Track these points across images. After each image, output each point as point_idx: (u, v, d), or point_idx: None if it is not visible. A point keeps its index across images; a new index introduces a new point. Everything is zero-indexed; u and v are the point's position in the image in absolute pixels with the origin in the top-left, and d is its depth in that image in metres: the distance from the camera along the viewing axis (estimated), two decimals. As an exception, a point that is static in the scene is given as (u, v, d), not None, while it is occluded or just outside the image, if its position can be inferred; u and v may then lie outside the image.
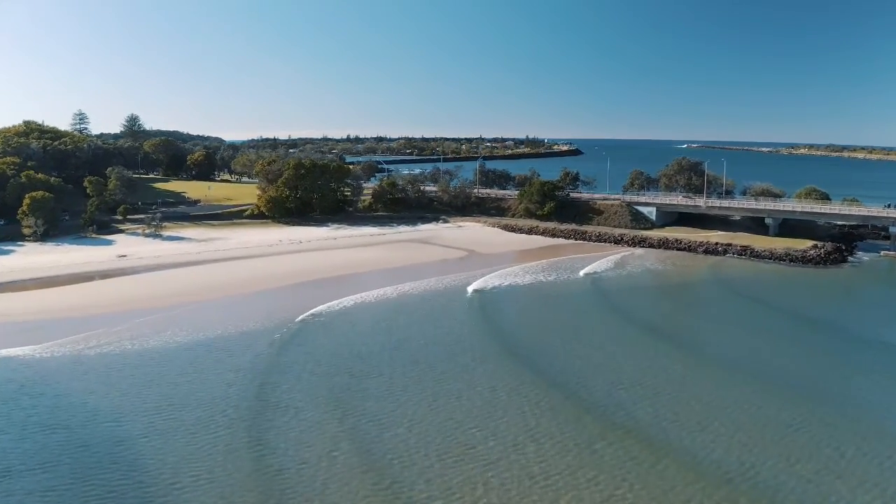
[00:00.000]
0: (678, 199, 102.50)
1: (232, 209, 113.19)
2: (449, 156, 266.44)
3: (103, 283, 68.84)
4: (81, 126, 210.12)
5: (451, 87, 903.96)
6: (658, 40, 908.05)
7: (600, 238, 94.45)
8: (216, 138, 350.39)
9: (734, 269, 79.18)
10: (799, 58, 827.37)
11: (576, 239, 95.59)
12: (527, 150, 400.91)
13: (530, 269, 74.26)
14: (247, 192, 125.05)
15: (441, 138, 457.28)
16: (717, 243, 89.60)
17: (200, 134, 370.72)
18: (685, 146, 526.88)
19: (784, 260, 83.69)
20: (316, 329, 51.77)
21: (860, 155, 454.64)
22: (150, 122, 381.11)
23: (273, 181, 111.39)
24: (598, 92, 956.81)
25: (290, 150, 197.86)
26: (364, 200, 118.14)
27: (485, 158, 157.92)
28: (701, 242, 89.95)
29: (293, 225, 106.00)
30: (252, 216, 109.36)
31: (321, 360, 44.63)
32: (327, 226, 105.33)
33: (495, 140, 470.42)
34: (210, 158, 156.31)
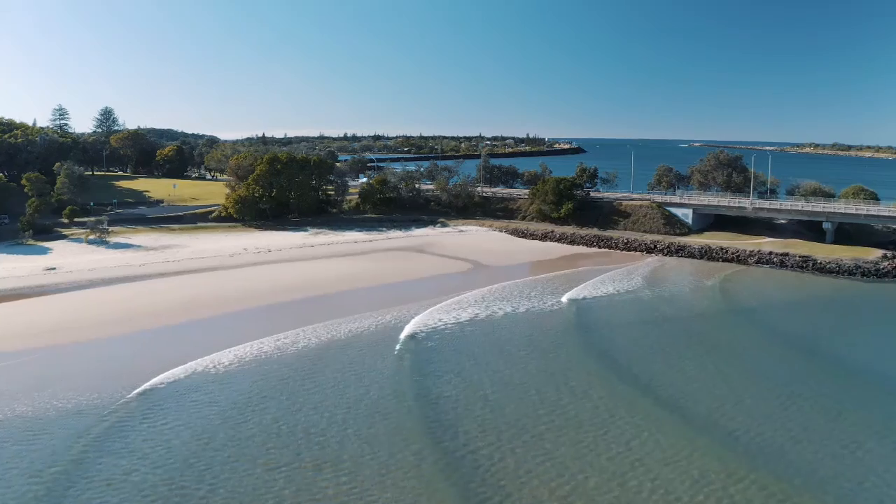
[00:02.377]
0: (719, 200, 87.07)
1: (197, 210, 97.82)
2: (448, 153, 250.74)
3: (3, 306, 53.49)
4: (62, 122, 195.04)
5: (449, 87, 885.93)
6: (659, 39, 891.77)
7: (629, 246, 79.04)
8: (212, 137, 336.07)
9: (799, 288, 64.15)
10: (801, 56, 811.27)
11: (599, 246, 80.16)
12: (528, 148, 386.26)
13: (552, 287, 58.85)
14: (217, 192, 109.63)
15: (440, 136, 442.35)
16: (770, 252, 74.35)
17: (195, 132, 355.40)
18: (687, 145, 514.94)
19: (854, 274, 68.76)
20: (240, 389, 36.29)
21: (867, 154, 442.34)
22: (145, 121, 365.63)
23: (244, 178, 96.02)
24: (599, 92, 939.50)
25: (283, 148, 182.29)
26: (350, 200, 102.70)
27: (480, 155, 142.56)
28: (752, 252, 74.70)
29: (265, 229, 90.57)
30: (219, 219, 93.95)
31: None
32: (305, 230, 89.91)
33: (495, 139, 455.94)
34: (182, 154, 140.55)
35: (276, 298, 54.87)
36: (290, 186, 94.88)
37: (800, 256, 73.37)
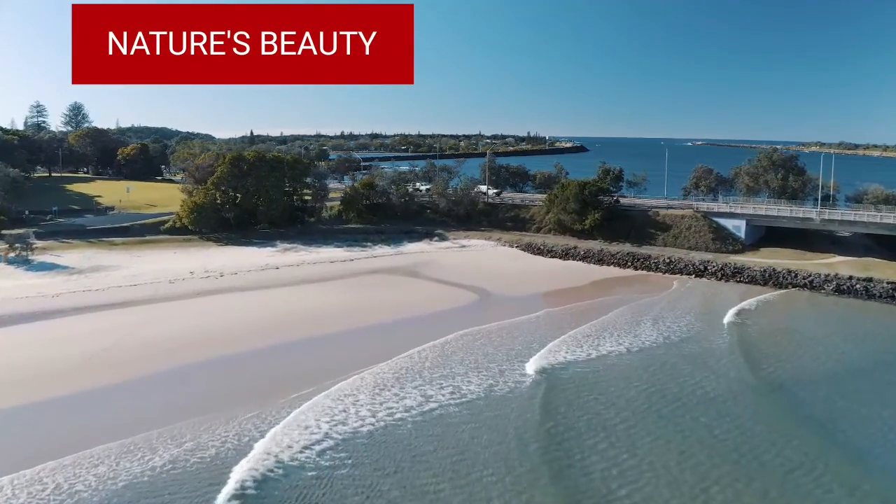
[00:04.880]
0: (779, 208, 71.44)
1: (148, 220, 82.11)
2: (447, 153, 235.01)
3: None
4: (39, 119, 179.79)
5: (447, 84, 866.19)
6: (661, 38, 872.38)
7: (672, 267, 63.46)
8: (207, 135, 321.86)
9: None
10: (804, 54, 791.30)
11: (635, 268, 64.63)
12: (529, 147, 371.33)
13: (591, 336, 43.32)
14: (180, 197, 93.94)
15: (438, 135, 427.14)
16: (850, 277, 58.99)
17: (190, 131, 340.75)
18: (690, 144, 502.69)
19: (961, 305, 54.02)
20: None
21: (875, 153, 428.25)
22: (139, 119, 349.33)
23: (203, 181, 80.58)
24: (597, 90, 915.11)
25: (279, 147, 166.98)
26: (332, 207, 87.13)
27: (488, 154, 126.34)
28: (827, 276, 59.27)
29: (226, 244, 74.94)
30: (172, 230, 78.26)
31: None
32: (273, 245, 74.29)
33: (495, 137, 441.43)
34: (147, 153, 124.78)
35: (200, 354, 39.06)
36: (258, 191, 79.30)
37: (888, 283, 58.15)
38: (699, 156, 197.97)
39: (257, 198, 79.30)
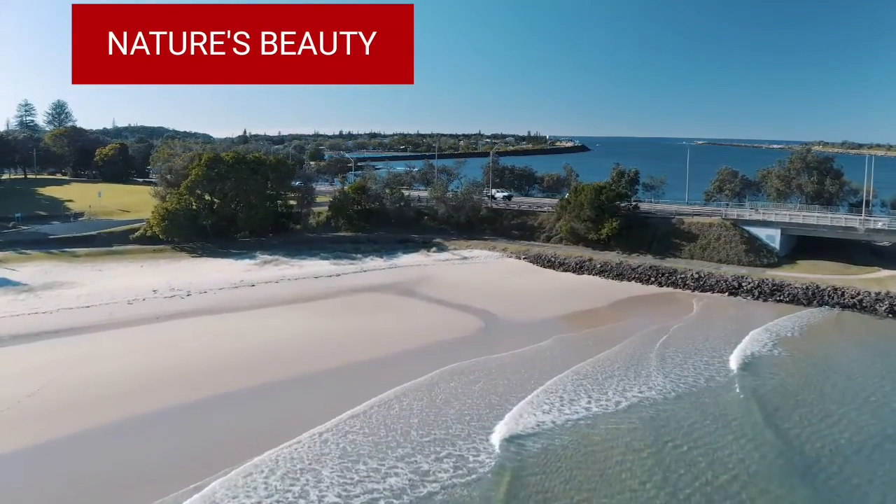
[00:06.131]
0: (818, 216, 63.89)
1: (117, 228, 74.75)
2: (446, 152, 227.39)
3: None
4: (28, 118, 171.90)
5: (446, 83, 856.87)
6: (661, 38, 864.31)
7: (702, 284, 55.94)
8: (205, 135, 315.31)
9: None
10: (806, 53, 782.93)
11: (659, 284, 57.14)
12: (529, 146, 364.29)
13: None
14: (153, 201, 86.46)
15: (438, 134, 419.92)
16: (904, 295, 51.70)
17: (188, 130, 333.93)
18: (692, 144, 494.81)
19: None
20: None
21: (880, 152, 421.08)
22: (136, 118, 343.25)
23: (177, 185, 73.17)
24: (597, 90, 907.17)
25: (275, 147, 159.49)
26: (319, 213, 79.68)
27: (490, 154, 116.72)
28: (878, 295, 51.85)
29: (201, 255, 67.51)
30: (143, 239, 70.84)
31: None
32: (253, 256, 66.81)
33: (495, 136, 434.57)
34: (125, 154, 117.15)
35: (137, 405, 31.06)
36: (237, 196, 71.80)
37: (951, 303, 50.81)
38: (703, 156, 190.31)
39: (237, 203, 71.81)
